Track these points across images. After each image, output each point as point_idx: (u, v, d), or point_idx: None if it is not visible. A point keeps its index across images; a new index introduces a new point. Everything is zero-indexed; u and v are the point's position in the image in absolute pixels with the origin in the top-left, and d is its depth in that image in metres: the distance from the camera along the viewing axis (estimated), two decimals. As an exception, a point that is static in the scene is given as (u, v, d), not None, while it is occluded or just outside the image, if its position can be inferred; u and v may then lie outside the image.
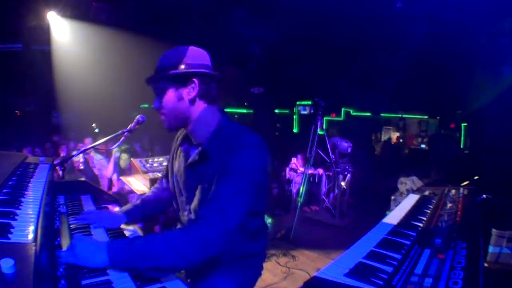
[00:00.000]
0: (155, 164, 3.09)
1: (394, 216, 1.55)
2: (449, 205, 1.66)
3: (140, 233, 1.29)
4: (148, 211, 1.43)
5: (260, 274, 1.37)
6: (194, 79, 1.11)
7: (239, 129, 1.17)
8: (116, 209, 1.55)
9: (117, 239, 1.10)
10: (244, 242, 1.22)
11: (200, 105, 1.15)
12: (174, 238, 0.96)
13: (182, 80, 1.11)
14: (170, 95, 1.12)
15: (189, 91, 1.12)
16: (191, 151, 1.22)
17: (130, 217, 1.35)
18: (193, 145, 1.22)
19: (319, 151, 4.73)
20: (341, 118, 10.58)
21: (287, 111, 10.97)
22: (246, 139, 1.11)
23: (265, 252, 1.37)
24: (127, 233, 1.26)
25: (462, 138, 9.17)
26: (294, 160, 5.62)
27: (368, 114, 10.84)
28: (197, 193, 1.17)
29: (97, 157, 4.64)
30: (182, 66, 1.11)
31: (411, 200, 1.88)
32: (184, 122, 1.17)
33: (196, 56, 1.14)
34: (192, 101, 1.13)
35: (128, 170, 4.19)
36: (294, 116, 10.78)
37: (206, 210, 1.01)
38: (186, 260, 0.95)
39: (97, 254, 0.92)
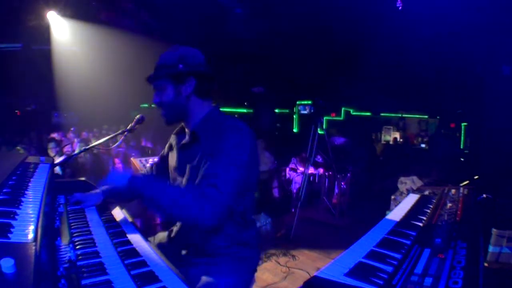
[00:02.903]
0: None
1: (394, 216, 1.55)
2: (449, 204, 1.66)
3: (128, 218, 1.39)
4: (124, 194, 1.51)
5: (256, 266, 1.41)
6: (191, 77, 1.23)
7: (226, 116, 1.30)
8: (117, 208, 1.55)
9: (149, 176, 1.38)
10: (235, 226, 1.28)
11: (195, 100, 1.28)
12: (182, 194, 1.11)
13: (181, 78, 1.23)
14: (169, 91, 1.24)
15: (186, 88, 1.24)
16: (182, 138, 1.36)
17: (107, 195, 1.50)
18: (184, 133, 1.37)
19: (319, 151, 4.74)
20: (341, 118, 10.58)
21: (287, 111, 10.97)
22: (232, 122, 1.24)
23: (258, 241, 1.41)
24: (117, 218, 1.38)
25: (462, 138, 9.17)
26: (294, 160, 5.63)
27: (368, 114, 10.84)
28: (186, 171, 1.28)
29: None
30: (180, 65, 1.22)
31: (411, 199, 1.88)
32: (181, 116, 1.30)
33: (193, 55, 1.26)
34: (188, 97, 1.26)
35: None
36: (294, 116, 10.78)
37: (205, 185, 1.11)
38: (183, 211, 1.10)
39: (122, 176, 1.18)
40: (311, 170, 4.85)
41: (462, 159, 7.49)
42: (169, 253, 1.39)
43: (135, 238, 1.21)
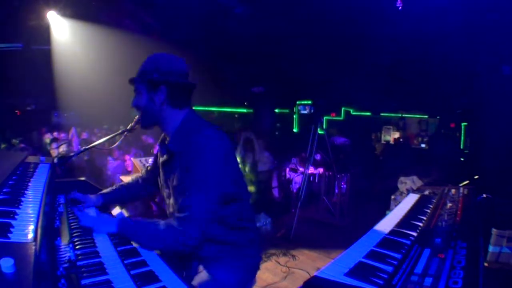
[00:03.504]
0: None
1: (394, 216, 1.55)
2: (449, 204, 1.66)
3: (126, 214, 1.48)
4: (125, 197, 1.60)
5: (258, 265, 1.41)
6: (162, 86, 1.23)
7: (197, 124, 1.26)
8: (117, 208, 1.55)
9: (126, 218, 1.29)
10: (227, 231, 1.28)
11: (168, 109, 1.27)
12: (160, 231, 1.15)
13: (153, 86, 1.24)
14: (144, 97, 1.26)
15: (159, 96, 1.24)
16: (164, 150, 1.33)
17: (106, 199, 1.56)
18: (165, 144, 1.34)
19: (319, 150, 4.73)
20: (341, 118, 10.58)
21: (287, 111, 10.96)
22: (200, 132, 1.20)
23: (256, 241, 1.39)
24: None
25: (462, 138, 9.17)
26: (294, 160, 5.62)
27: (368, 113, 10.84)
28: (171, 190, 1.28)
29: None
30: (155, 73, 1.23)
31: (411, 199, 1.88)
32: (155, 122, 1.30)
33: (168, 64, 1.25)
34: (161, 105, 1.25)
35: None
36: (294, 116, 10.78)
37: (177, 219, 1.14)
38: (167, 247, 1.15)
39: (110, 224, 1.21)
40: (311, 170, 4.84)
41: (462, 159, 7.49)
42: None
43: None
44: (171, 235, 1.13)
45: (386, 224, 1.42)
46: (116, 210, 1.53)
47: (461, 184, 2.30)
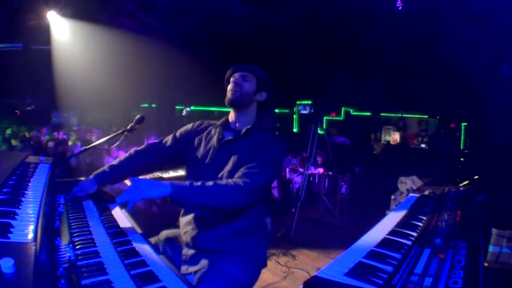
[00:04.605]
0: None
1: (394, 216, 1.55)
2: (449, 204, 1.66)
3: (129, 218, 1.45)
4: (117, 175, 1.65)
5: (264, 261, 1.54)
6: (265, 92, 1.55)
7: (269, 131, 1.59)
8: (117, 208, 1.55)
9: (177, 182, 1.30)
10: (251, 218, 1.47)
11: (255, 106, 1.56)
12: (222, 187, 1.28)
13: (261, 87, 1.54)
14: (252, 85, 1.52)
15: (260, 95, 1.54)
16: (227, 133, 1.54)
17: (100, 181, 1.60)
18: (228, 130, 1.56)
19: (319, 150, 4.73)
20: (341, 118, 10.57)
21: (287, 111, 10.96)
22: (275, 137, 1.56)
23: (266, 233, 1.60)
24: (117, 218, 1.42)
25: (462, 138, 9.16)
26: (293, 160, 5.62)
27: (368, 113, 10.83)
28: (230, 163, 1.44)
29: None
30: (266, 80, 1.56)
31: (411, 199, 1.88)
32: (243, 104, 1.51)
33: (271, 83, 1.58)
34: (255, 100, 1.54)
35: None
36: (294, 116, 10.77)
37: (246, 173, 1.33)
38: (227, 204, 1.28)
39: (162, 187, 1.19)
40: (311, 170, 4.84)
41: (462, 159, 7.49)
42: (174, 248, 1.52)
43: (135, 238, 1.21)
44: (237, 187, 1.28)
45: (386, 224, 1.42)
46: (116, 210, 1.53)
47: (461, 184, 2.30)
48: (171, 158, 1.70)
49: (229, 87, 1.51)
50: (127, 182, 1.60)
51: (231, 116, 1.57)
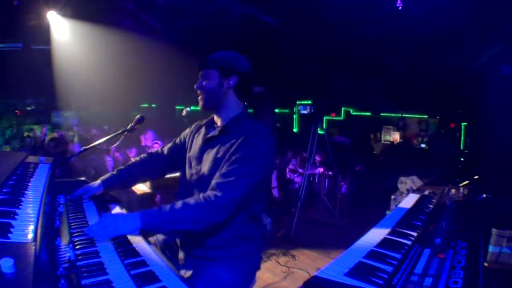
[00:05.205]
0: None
1: (394, 216, 1.55)
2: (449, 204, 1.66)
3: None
4: (124, 180, 1.66)
5: (258, 264, 1.47)
6: (234, 75, 1.39)
7: (254, 120, 1.44)
8: (117, 208, 1.55)
9: (146, 210, 1.22)
10: (244, 224, 1.36)
11: (231, 96, 1.42)
12: (192, 207, 1.18)
13: (226, 73, 1.38)
14: (214, 80, 1.39)
15: (228, 82, 1.39)
16: (211, 131, 1.48)
17: (106, 185, 1.60)
18: (213, 127, 1.49)
19: (319, 150, 4.73)
20: (341, 118, 10.57)
21: (287, 111, 10.96)
22: (260, 129, 1.36)
23: (262, 238, 1.50)
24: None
25: (462, 138, 9.16)
26: (293, 161, 5.62)
27: (368, 113, 10.83)
28: (209, 159, 1.37)
29: None
30: (230, 63, 1.40)
31: (411, 199, 1.88)
32: (216, 105, 1.42)
33: (242, 60, 1.44)
34: (227, 91, 1.40)
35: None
36: (294, 116, 10.77)
37: (218, 184, 1.23)
38: (200, 224, 1.19)
39: (131, 221, 1.13)
40: (311, 170, 4.84)
41: (462, 159, 7.48)
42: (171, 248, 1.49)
43: (135, 238, 1.21)
44: (209, 204, 1.18)
45: (386, 224, 1.42)
46: (117, 211, 1.53)
47: (461, 184, 2.30)
48: (168, 167, 1.69)
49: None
50: (134, 188, 1.63)
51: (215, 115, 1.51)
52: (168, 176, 1.78)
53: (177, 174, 1.59)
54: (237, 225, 1.33)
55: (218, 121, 1.48)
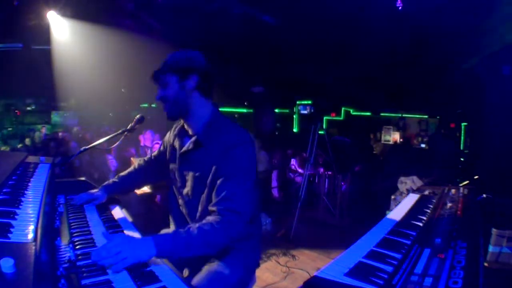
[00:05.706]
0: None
1: (394, 216, 1.55)
2: (449, 204, 1.66)
3: (128, 218, 1.42)
4: (126, 187, 1.67)
5: (259, 252, 1.52)
6: (194, 74, 1.30)
7: (228, 124, 1.35)
8: (117, 208, 1.55)
9: (159, 234, 1.15)
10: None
11: (197, 97, 1.33)
12: (208, 233, 1.14)
13: (185, 73, 1.30)
14: (173, 85, 1.30)
15: (189, 83, 1.30)
16: (185, 141, 1.39)
17: (109, 192, 1.59)
18: (187, 136, 1.40)
19: (319, 150, 4.73)
20: (341, 118, 10.58)
21: (287, 111, 10.96)
22: (239, 136, 1.29)
23: (260, 235, 1.51)
24: (117, 218, 1.41)
25: (462, 138, 9.16)
26: (293, 161, 5.62)
27: (368, 113, 10.83)
28: (189, 179, 1.34)
29: None
30: (186, 62, 1.31)
31: (411, 199, 1.88)
32: (183, 111, 1.33)
33: (198, 57, 1.35)
34: (190, 92, 1.31)
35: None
36: (294, 116, 10.77)
37: (225, 209, 1.19)
38: (216, 248, 1.19)
39: (146, 248, 1.02)
40: (311, 170, 4.84)
41: (462, 159, 7.48)
42: None
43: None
44: (220, 231, 1.16)
45: (386, 224, 1.42)
46: (116, 210, 1.53)
47: (461, 184, 2.30)
48: (161, 174, 1.60)
49: None
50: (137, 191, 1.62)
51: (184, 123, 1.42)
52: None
53: None
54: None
55: (189, 129, 1.39)
